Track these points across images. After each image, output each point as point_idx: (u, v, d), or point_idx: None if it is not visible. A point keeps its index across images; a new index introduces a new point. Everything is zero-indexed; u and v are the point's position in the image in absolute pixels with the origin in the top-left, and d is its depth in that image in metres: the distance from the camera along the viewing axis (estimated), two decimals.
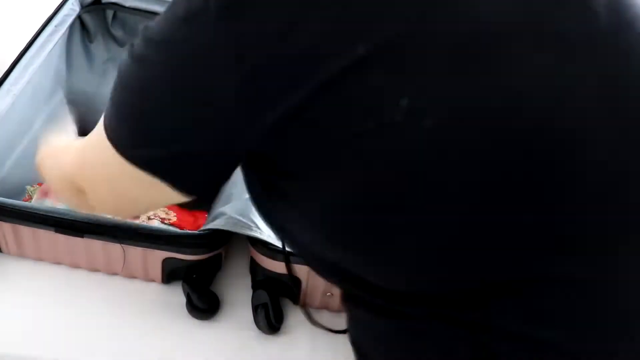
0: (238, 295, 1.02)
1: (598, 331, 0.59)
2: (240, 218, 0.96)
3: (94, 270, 1.02)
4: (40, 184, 1.03)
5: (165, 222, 1.00)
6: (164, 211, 1.02)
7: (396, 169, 0.54)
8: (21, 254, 1.02)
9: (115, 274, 1.02)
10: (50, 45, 1.24)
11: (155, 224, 0.99)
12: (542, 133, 0.54)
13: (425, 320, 0.62)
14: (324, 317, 1.02)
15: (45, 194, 1.03)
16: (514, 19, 0.54)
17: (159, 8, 1.38)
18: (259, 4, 0.52)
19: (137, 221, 0.99)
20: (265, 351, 0.97)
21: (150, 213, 1.00)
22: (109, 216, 0.99)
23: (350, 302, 0.71)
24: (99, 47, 1.42)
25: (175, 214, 1.02)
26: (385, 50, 0.51)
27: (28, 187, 1.01)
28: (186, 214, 1.09)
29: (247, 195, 1.00)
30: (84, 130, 1.25)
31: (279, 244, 0.96)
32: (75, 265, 1.02)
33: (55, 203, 1.01)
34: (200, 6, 0.53)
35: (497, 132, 0.54)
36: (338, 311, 1.03)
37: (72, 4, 1.32)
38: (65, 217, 0.94)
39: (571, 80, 0.55)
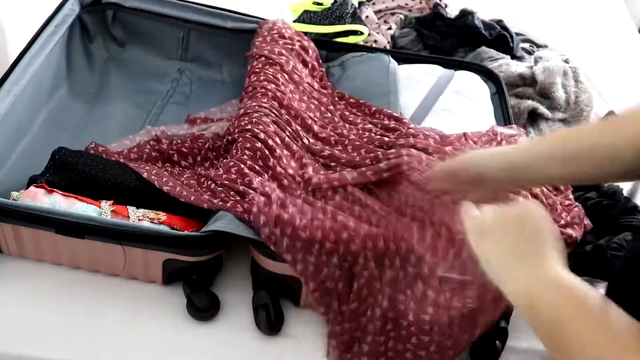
0: (239, 296, 1.02)
1: None
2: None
3: (95, 271, 1.02)
4: (25, 189, 1.02)
5: (155, 221, 1.00)
6: (153, 211, 1.02)
7: None
8: (21, 255, 1.02)
9: (115, 274, 1.02)
10: (50, 45, 1.24)
11: (145, 224, 0.99)
12: None
13: None
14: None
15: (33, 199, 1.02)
16: None
17: (159, 8, 1.38)
18: None
19: (127, 221, 0.99)
20: (265, 352, 0.97)
21: (140, 214, 1.00)
22: (109, 217, 0.99)
23: None
24: (99, 47, 1.42)
25: (164, 213, 1.02)
26: None
27: (14, 193, 1.01)
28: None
29: None
30: (84, 129, 1.26)
31: None
32: (75, 266, 1.02)
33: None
34: None
35: None
36: None
37: (72, 4, 1.32)
38: (66, 218, 0.94)
39: None
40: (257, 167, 1.05)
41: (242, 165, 1.04)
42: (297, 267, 0.93)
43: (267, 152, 1.06)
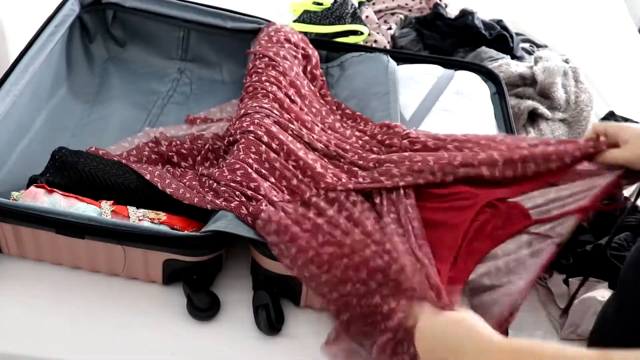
0: (239, 296, 1.02)
1: None
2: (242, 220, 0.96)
3: (95, 271, 1.02)
4: (25, 189, 1.02)
5: (155, 221, 1.00)
6: (153, 211, 1.02)
7: None
8: (21, 255, 1.02)
9: (115, 274, 1.02)
10: (50, 45, 1.24)
11: (145, 224, 0.99)
12: None
13: None
14: (325, 319, 1.02)
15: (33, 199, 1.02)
16: None
17: (158, 8, 1.38)
18: None
19: (127, 221, 0.99)
20: (265, 352, 0.97)
21: (140, 214, 1.00)
22: (109, 217, 0.99)
23: None
24: (99, 47, 1.42)
25: (165, 213, 1.03)
26: None
27: (14, 193, 1.01)
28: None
29: None
30: (84, 129, 1.26)
31: None
32: (75, 266, 1.02)
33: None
34: None
35: None
36: None
37: (72, 4, 1.32)
38: (66, 218, 0.94)
39: None
40: (263, 171, 1.04)
41: (249, 170, 1.03)
42: (298, 278, 0.94)
43: (272, 154, 1.06)
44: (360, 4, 1.72)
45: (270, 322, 0.97)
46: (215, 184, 1.04)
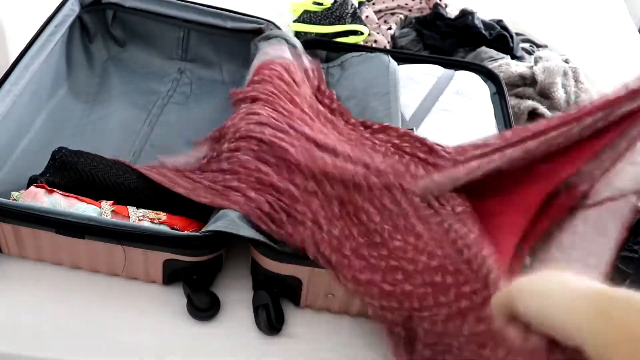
0: (239, 296, 1.02)
1: None
2: (243, 219, 0.96)
3: (95, 271, 1.02)
4: (25, 189, 1.02)
5: (155, 221, 1.00)
6: (153, 211, 1.02)
7: None
8: (21, 255, 1.02)
9: (115, 274, 1.02)
10: (50, 46, 1.23)
11: (145, 224, 0.99)
12: None
13: None
14: (325, 319, 1.02)
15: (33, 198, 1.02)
16: None
17: (158, 8, 1.38)
18: None
19: (127, 221, 0.98)
20: (266, 352, 0.97)
21: (140, 214, 1.00)
22: (109, 217, 0.99)
23: None
24: (99, 47, 1.42)
25: (165, 213, 1.02)
26: None
27: (14, 193, 1.01)
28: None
29: None
30: (84, 129, 1.26)
31: (279, 244, 0.96)
32: (75, 266, 1.02)
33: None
34: None
35: None
36: (339, 312, 1.03)
37: (72, 4, 1.32)
38: (66, 217, 0.94)
39: None
40: (309, 189, 0.99)
41: (295, 193, 0.99)
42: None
43: (316, 167, 1.01)
44: (360, 4, 1.72)
45: (270, 322, 0.97)
46: (248, 190, 1.00)
